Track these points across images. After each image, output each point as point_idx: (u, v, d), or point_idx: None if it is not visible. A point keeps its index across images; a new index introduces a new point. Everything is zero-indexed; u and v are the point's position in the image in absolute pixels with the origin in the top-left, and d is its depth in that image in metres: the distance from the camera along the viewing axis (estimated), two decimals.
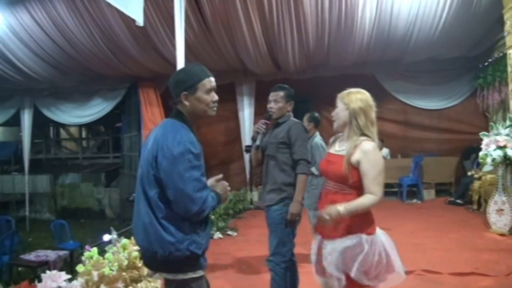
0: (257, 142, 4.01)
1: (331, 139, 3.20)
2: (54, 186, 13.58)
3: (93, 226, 11.26)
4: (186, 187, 2.33)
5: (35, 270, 6.46)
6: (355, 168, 2.80)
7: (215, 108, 2.60)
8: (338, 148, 3.01)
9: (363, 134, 2.86)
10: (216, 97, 2.58)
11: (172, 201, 2.37)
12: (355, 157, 2.80)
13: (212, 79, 2.58)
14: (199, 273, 2.49)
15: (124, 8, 4.73)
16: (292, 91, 4.06)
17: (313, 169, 4.96)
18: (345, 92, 2.99)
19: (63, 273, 3.07)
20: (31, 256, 6.78)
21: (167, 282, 2.53)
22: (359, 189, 2.82)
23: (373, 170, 2.76)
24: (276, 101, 3.96)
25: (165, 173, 2.36)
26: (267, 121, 3.97)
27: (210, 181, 2.63)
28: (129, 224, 9.20)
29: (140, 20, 5.02)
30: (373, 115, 2.91)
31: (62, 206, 13.42)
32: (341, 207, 2.73)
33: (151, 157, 2.43)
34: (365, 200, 2.76)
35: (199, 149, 2.44)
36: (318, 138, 5.54)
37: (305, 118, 5.82)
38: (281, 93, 3.98)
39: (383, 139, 11.30)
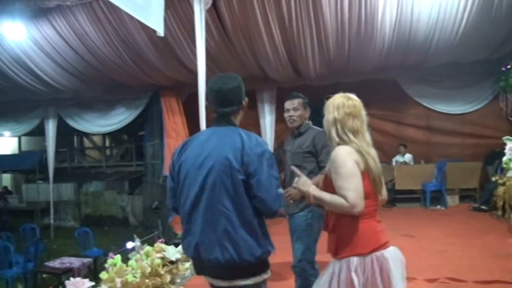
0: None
1: None
2: (78, 194, 13.81)
3: (117, 234, 11.39)
4: (271, 184, 2.42)
5: (60, 277, 6.57)
6: (329, 177, 2.60)
7: None
8: None
9: (340, 143, 2.60)
10: None
11: (260, 201, 2.41)
12: (327, 167, 2.66)
13: None
14: (269, 273, 2.57)
15: (144, 19, 4.81)
16: (307, 98, 4.09)
17: None
18: (328, 100, 2.74)
19: (86, 280, 3.12)
20: (56, 263, 6.91)
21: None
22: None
23: (336, 175, 2.50)
24: (296, 109, 4.01)
25: (254, 176, 2.40)
26: None
27: None
28: (153, 231, 9.28)
29: (160, 31, 5.10)
30: (354, 122, 2.62)
31: (86, 213, 13.62)
32: (314, 189, 2.62)
33: (236, 163, 2.42)
34: (336, 199, 2.47)
35: None
36: None
37: None
38: (299, 100, 4.04)
39: (406, 145, 11.23)
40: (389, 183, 10.57)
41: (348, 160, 2.50)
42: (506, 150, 7.04)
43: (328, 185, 2.59)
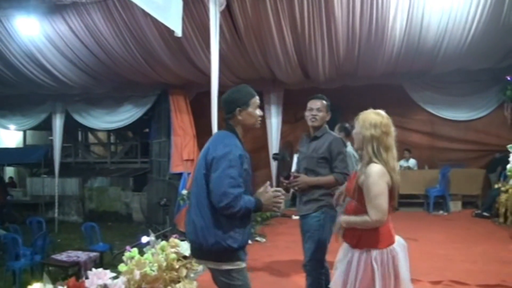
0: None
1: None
2: (83, 189, 13.83)
3: (120, 229, 11.45)
4: (222, 181, 2.72)
5: (66, 270, 6.63)
6: (360, 188, 2.90)
7: (260, 122, 3.07)
8: (358, 167, 3.11)
9: (374, 160, 2.88)
10: (261, 113, 3.09)
11: (211, 195, 2.76)
12: (360, 179, 2.90)
13: (258, 97, 3.05)
14: (238, 264, 2.85)
15: (164, 20, 4.91)
16: (330, 102, 4.14)
17: None
18: (362, 115, 2.99)
19: (108, 271, 3.21)
20: (63, 257, 6.94)
21: (212, 271, 2.91)
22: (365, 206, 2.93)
23: (369, 193, 2.82)
24: (319, 109, 4.02)
25: (211, 173, 2.79)
26: (286, 180, 4.09)
27: (260, 190, 2.95)
28: (157, 228, 9.37)
29: (178, 31, 5.20)
30: (388, 140, 2.91)
31: (90, 209, 13.64)
32: (343, 218, 2.98)
33: (203, 160, 2.87)
34: (362, 219, 2.87)
35: (243, 155, 2.84)
36: (350, 148, 5.62)
37: (337, 127, 5.92)
38: (324, 103, 4.06)
39: (411, 150, 11.30)
40: None
41: (381, 180, 2.82)
42: (511, 159, 7.12)
43: (360, 194, 2.91)
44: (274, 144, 10.93)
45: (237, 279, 2.85)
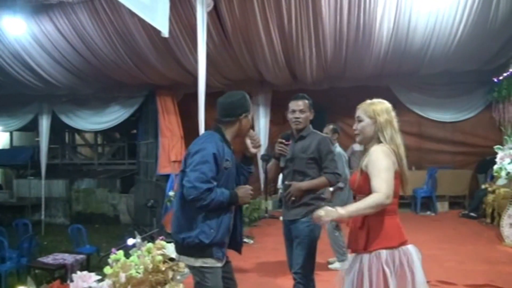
0: (282, 164, 3.96)
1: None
2: (70, 191, 13.73)
3: (108, 231, 11.38)
4: (192, 175, 2.84)
5: (53, 273, 6.57)
6: (365, 173, 2.78)
7: None
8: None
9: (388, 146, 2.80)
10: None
11: (183, 186, 2.90)
12: (364, 162, 2.81)
13: None
14: (210, 262, 2.93)
15: (151, 19, 4.89)
16: (312, 100, 4.04)
17: (339, 183, 5.02)
18: (367, 103, 2.92)
19: (93, 274, 3.17)
20: (49, 259, 6.91)
21: (190, 269, 3.00)
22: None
23: (373, 167, 2.71)
24: (302, 111, 3.90)
25: (187, 166, 2.93)
26: (287, 142, 3.90)
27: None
28: (144, 229, 9.32)
29: (165, 32, 5.18)
30: (397, 124, 2.89)
31: (77, 211, 13.54)
32: (342, 209, 2.66)
33: (184, 159, 3.03)
34: (369, 199, 2.64)
35: (220, 153, 2.94)
36: (339, 148, 5.62)
37: (328, 129, 5.91)
38: (306, 102, 3.94)
39: None
40: None
41: (386, 157, 2.73)
42: (497, 159, 7.16)
43: (365, 179, 2.78)
44: (262, 145, 10.90)
45: (208, 280, 2.94)
